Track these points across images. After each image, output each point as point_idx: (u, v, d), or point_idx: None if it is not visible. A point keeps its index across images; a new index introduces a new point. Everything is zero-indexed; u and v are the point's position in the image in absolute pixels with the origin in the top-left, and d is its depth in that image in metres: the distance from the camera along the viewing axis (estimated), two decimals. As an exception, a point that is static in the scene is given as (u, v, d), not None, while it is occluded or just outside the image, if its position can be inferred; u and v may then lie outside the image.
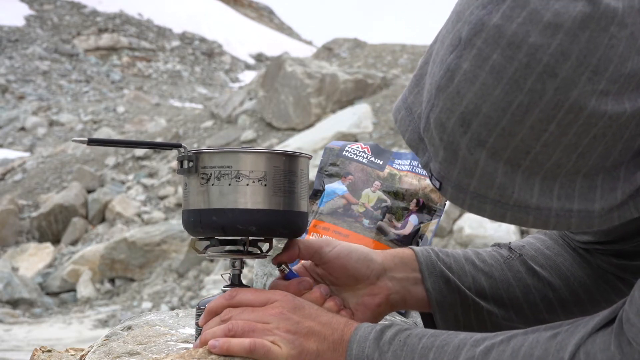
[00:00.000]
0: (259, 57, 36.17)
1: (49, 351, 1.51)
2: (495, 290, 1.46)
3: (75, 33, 31.90)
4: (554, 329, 1.18)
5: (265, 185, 1.32)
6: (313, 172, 1.79)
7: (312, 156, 1.42)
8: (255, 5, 44.48)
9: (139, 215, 13.90)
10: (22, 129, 21.41)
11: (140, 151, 15.46)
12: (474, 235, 9.63)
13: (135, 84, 28.65)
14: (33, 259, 13.35)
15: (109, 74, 29.09)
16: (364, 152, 1.80)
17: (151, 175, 15.25)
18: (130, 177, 15.34)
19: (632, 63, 1.02)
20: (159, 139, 15.96)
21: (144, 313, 1.62)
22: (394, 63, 17.05)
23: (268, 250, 1.41)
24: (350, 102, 14.51)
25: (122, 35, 32.33)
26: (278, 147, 12.59)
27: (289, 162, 1.35)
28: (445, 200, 1.74)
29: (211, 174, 1.33)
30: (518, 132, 1.04)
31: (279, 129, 14.75)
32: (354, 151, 1.80)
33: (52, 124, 21.39)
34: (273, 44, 37.81)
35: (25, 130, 21.31)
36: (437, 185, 1.14)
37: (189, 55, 33.13)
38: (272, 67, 15.56)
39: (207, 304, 1.35)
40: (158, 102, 24.94)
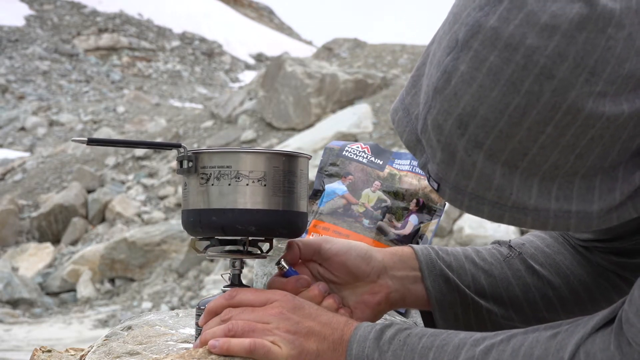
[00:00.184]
0: (259, 57, 36.16)
1: (49, 351, 1.51)
2: (494, 288, 1.46)
3: (75, 33, 31.90)
4: (554, 329, 1.18)
5: (265, 185, 1.33)
6: (313, 172, 1.79)
7: (311, 156, 1.42)
8: (255, 5, 44.47)
9: (139, 215, 13.90)
10: (22, 129, 21.41)
11: (140, 151, 15.46)
12: (474, 235, 9.63)
13: (135, 84, 28.65)
14: (33, 259, 13.35)
15: (109, 74, 29.09)
16: (364, 152, 1.80)
17: (151, 175, 15.25)
18: (130, 177, 15.34)
19: (629, 64, 1.02)
20: (159, 139, 15.96)
21: (144, 313, 1.62)
22: (394, 63, 17.05)
23: (268, 250, 1.41)
24: (350, 102, 14.51)
25: (122, 35, 32.32)
26: (278, 147, 12.60)
27: (289, 162, 1.35)
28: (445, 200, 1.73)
29: (211, 174, 1.33)
30: (515, 134, 1.04)
31: (279, 129, 14.75)
32: (354, 151, 1.80)
33: (52, 124, 21.38)
34: (273, 44, 37.80)
35: (25, 130, 21.31)
36: (435, 187, 1.13)
37: (189, 55, 33.12)
38: (272, 67, 15.56)
39: (207, 304, 1.35)
40: (158, 102, 24.93)
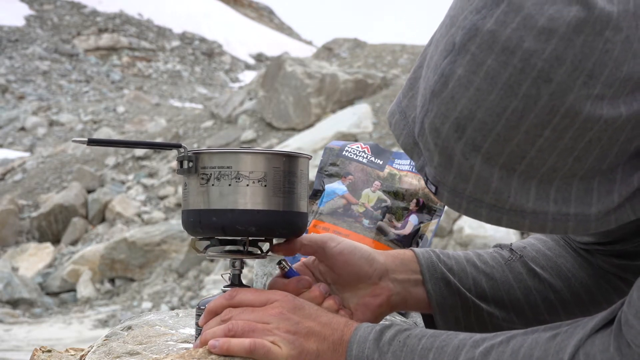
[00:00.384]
0: (259, 57, 36.16)
1: (49, 351, 1.51)
2: (496, 291, 1.46)
3: (75, 33, 31.90)
4: (553, 330, 1.18)
5: (265, 185, 1.33)
6: (313, 172, 1.79)
7: (311, 156, 1.42)
8: (255, 5, 44.47)
9: (139, 215, 13.90)
10: (22, 129, 21.41)
11: (140, 151, 15.46)
12: (474, 236, 9.63)
13: (135, 84, 28.65)
14: (33, 259, 13.35)
15: (109, 74, 29.09)
16: (364, 152, 1.80)
17: (151, 175, 15.25)
18: (130, 177, 15.34)
19: (627, 67, 1.02)
20: (159, 139, 15.96)
21: (144, 313, 1.62)
22: (394, 63, 17.05)
23: (268, 250, 1.41)
24: (350, 102, 14.51)
25: (122, 35, 32.32)
26: (278, 147, 12.60)
27: (289, 162, 1.35)
28: (443, 203, 1.73)
29: (211, 174, 1.33)
30: (513, 137, 1.04)
31: (279, 129, 14.75)
32: (354, 151, 1.80)
33: (52, 124, 21.38)
34: (273, 44, 37.79)
35: (25, 130, 21.31)
36: (433, 190, 1.13)
37: (189, 55, 33.12)
38: (272, 67, 15.56)
39: (207, 304, 1.35)
40: (158, 102, 24.93)
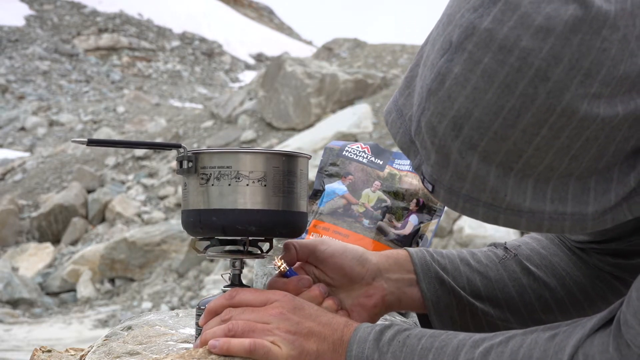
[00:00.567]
0: (259, 57, 36.16)
1: (49, 351, 1.51)
2: (490, 290, 1.46)
3: (75, 33, 31.90)
4: (553, 330, 1.18)
5: (265, 185, 1.33)
6: (313, 172, 1.79)
7: (311, 156, 1.42)
8: (255, 5, 44.47)
9: (139, 215, 13.90)
10: (22, 129, 21.41)
11: (140, 151, 15.46)
12: (474, 235, 9.63)
13: (135, 84, 28.65)
14: (33, 259, 13.35)
15: (109, 74, 29.09)
16: (364, 152, 1.80)
17: (151, 175, 15.25)
18: (130, 177, 15.34)
19: (624, 66, 1.02)
20: (159, 139, 15.96)
21: (144, 313, 1.62)
22: (394, 63, 17.05)
23: (268, 250, 1.41)
24: (350, 102, 14.52)
25: (122, 35, 32.32)
26: (278, 147, 12.59)
27: (289, 162, 1.35)
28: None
29: (211, 174, 1.33)
30: (510, 136, 1.04)
31: (279, 129, 14.75)
32: (354, 151, 1.80)
33: (52, 124, 21.38)
34: (273, 44, 37.80)
35: (25, 130, 21.31)
36: (430, 188, 1.13)
37: (189, 55, 33.12)
38: (272, 67, 15.56)
39: (207, 304, 1.35)
40: (158, 102, 24.93)
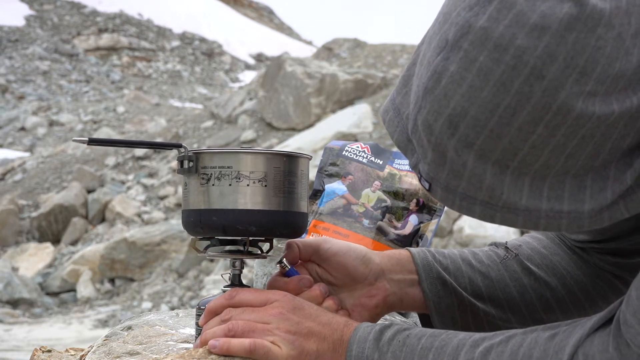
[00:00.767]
0: (259, 57, 36.16)
1: (49, 351, 1.51)
2: (491, 290, 1.46)
3: (75, 33, 31.90)
4: (552, 330, 1.18)
5: (266, 185, 1.33)
6: (313, 172, 1.79)
7: (312, 157, 1.42)
8: (255, 5, 44.47)
9: (139, 215, 13.90)
10: (22, 129, 21.41)
11: (140, 151, 15.46)
12: (474, 235, 9.63)
13: (135, 84, 28.65)
14: (33, 259, 13.35)
15: (109, 74, 29.09)
16: (364, 152, 1.80)
17: (151, 175, 15.25)
18: (130, 177, 15.34)
19: (619, 64, 1.02)
20: (159, 139, 15.96)
21: (144, 313, 1.62)
22: (394, 63, 17.05)
23: (268, 250, 1.41)
24: (350, 102, 14.52)
25: (122, 35, 32.32)
26: (278, 147, 12.60)
27: (289, 162, 1.35)
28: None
29: (211, 174, 1.33)
30: (506, 134, 1.04)
31: (279, 129, 14.75)
32: (353, 151, 1.80)
33: (52, 124, 21.38)
34: (273, 44, 37.80)
35: (25, 130, 21.31)
36: (427, 187, 1.13)
37: (189, 55, 33.12)
38: (272, 67, 15.56)
39: (207, 304, 1.35)
40: (158, 102, 24.93)
